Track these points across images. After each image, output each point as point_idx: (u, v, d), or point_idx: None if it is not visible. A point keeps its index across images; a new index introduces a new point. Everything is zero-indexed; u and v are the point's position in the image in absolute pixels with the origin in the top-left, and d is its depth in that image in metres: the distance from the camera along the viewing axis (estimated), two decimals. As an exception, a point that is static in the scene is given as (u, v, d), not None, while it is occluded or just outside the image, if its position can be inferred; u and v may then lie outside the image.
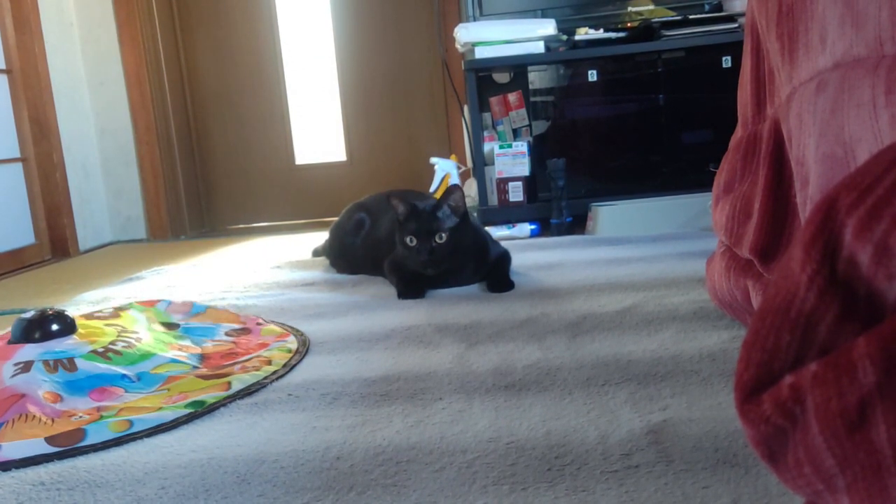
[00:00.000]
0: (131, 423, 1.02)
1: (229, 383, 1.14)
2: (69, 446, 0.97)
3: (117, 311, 1.44)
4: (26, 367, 1.15)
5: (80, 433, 0.99)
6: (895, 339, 0.34)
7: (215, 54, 3.72)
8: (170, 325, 1.45)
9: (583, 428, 0.92)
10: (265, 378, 1.17)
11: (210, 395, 1.10)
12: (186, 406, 1.07)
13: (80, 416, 1.06)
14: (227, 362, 1.27)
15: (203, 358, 1.30)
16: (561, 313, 1.43)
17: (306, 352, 1.31)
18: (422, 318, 1.48)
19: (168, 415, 1.04)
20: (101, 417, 1.05)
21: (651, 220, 2.47)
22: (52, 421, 1.04)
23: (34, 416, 1.05)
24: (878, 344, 0.35)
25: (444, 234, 1.62)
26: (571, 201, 2.65)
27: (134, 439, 0.99)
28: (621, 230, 2.40)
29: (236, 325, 1.47)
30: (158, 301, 1.56)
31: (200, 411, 1.06)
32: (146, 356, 1.25)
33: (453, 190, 1.64)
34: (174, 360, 1.26)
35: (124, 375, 1.19)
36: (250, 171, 3.80)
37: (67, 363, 1.17)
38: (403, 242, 1.65)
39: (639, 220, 2.48)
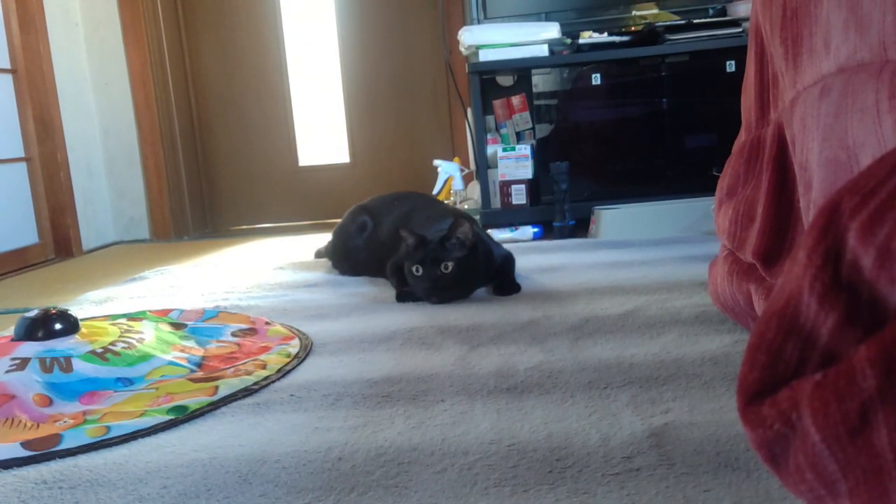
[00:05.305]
0: (108, 428, 1.01)
1: (216, 388, 1.13)
2: (44, 450, 0.96)
3: (129, 322, 1.44)
4: (22, 364, 1.15)
5: (57, 438, 0.99)
6: (897, 344, 0.34)
7: (220, 56, 3.73)
8: (177, 325, 1.45)
9: (584, 430, 0.92)
10: (255, 383, 1.16)
11: (194, 399, 1.09)
12: (168, 411, 1.06)
13: (65, 421, 1.05)
14: (225, 366, 1.26)
15: (203, 360, 1.30)
16: (563, 316, 1.43)
17: (305, 356, 1.31)
18: (424, 320, 1.48)
19: (148, 421, 1.03)
20: (85, 422, 1.05)
21: (654, 223, 2.46)
22: (38, 426, 1.04)
23: (20, 422, 1.04)
24: (879, 349, 0.35)
25: (449, 264, 1.57)
26: (574, 204, 2.65)
27: (109, 445, 0.98)
28: (624, 234, 2.40)
29: (244, 326, 1.47)
30: (171, 311, 1.57)
31: (181, 417, 1.04)
32: (145, 357, 1.24)
33: (461, 223, 1.59)
34: (172, 363, 1.25)
35: (118, 379, 1.18)
36: (254, 172, 3.80)
37: (64, 362, 1.17)
38: (410, 272, 1.61)
39: (642, 223, 2.47)
